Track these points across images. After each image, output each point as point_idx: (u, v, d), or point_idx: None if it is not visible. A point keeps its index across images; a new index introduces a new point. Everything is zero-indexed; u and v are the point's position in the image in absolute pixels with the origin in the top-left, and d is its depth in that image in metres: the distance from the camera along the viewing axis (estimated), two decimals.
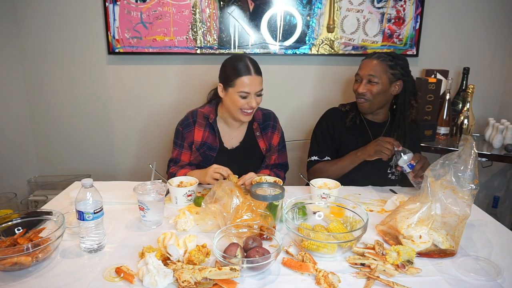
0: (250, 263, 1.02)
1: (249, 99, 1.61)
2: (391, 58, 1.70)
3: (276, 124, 1.83)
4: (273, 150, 1.82)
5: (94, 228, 1.15)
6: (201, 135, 1.72)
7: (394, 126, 1.79)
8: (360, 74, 1.73)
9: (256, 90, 1.62)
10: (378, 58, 1.70)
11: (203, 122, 1.73)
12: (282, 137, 1.85)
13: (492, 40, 2.36)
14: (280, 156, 1.85)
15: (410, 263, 1.08)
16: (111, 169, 2.58)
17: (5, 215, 1.20)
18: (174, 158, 1.77)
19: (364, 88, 1.71)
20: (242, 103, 1.62)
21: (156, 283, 0.98)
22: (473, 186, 1.17)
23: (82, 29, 2.32)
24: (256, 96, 1.63)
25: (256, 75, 1.61)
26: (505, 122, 2.14)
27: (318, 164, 1.81)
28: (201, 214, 1.41)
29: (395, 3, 2.26)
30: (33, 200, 2.37)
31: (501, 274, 1.05)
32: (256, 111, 1.79)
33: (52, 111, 2.47)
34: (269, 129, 1.80)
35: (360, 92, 1.71)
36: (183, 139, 1.74)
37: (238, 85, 1.60)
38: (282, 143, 1.85)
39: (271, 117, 1.83)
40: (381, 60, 1.69)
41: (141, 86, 2.43)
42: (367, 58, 1.75)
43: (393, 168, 1.79)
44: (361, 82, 1.73)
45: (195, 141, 1.72)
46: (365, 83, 1.71)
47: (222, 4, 2.24)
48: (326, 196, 1.45)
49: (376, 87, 1.69)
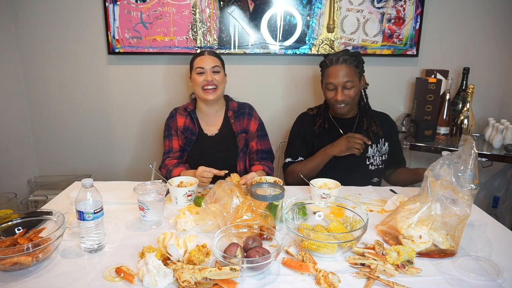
0: (250, 263, 1.02)
1: (205, 75, 1.82)
2: (354, 57, 1.74)
3: (252, 112, 1.97)
4: (252, 136, 1.94)
5: (94, 228, 1.15)
6: (183, 121, 1.93)
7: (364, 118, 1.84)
8: (334, 82, 1.73)
9: (210, 66, 1.83)
10: (345, 63, 1.72)
11: (184, 112, 1.95)
12: (261, 125, 1.98)
13: (492, 40, 2.36)
14: (261, 143, 1.95)
15: (410, 263, 1.08)
16: (111, 169, 2.58)
17: (5, 215, 1.21)
18: (167, 150, 1.93)
19: (342, 95, 1.74)
20: (201, 80, 1.82)
21: (156, 283, 0.98)
22: (473, 186, 1.17)
23: (82, 29, 2.32)
24: (212, 73, 1.83)
25: (209, 55, 1.86)
26: (505, 122, 2.14)
27: (292, 165, 1.87)
28: (201, 214, 1.41)
29: (395, 3, 2.26)
30: (33, 200, 2.37)
31: (501, 274, 1.05)
32: (232, 102, 1.98)
33: (52, 111, 2.47)
34: (245, 117, 1.95)
35: (340, 100, 1.74)
36: (170, 128, 1.93)
37: (195, 64, 1.86)
38: (261, 131, 1.97)
39: (246, 107, 1.99)
40: (348, 64, 1.72)
41: (141, 86, 2.43)
42: (332, 65, 1.73)
43: (371, 158, 1.83)
44: (336, 89, 1.74)
45: (178, 127, 1.93)
46: (341, 90, 1.73)
47: (222, 4, 2.24)
48: (326, 196, 1.45)
49: (353, 90, 1.74)
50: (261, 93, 2.44)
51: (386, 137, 1.86)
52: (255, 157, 1.93)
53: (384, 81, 2.42)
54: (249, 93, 2.42)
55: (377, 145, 1.84)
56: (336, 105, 1.78)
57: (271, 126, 2.44)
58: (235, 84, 2.40)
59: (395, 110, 2.47)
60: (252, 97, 2.39)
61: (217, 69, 1.85)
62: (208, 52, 1.89)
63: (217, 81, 1.83)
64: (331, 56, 1.76)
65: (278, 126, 2.48)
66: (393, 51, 2.33)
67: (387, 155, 1.87)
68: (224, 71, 1.92)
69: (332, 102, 1.79)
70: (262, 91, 2.44)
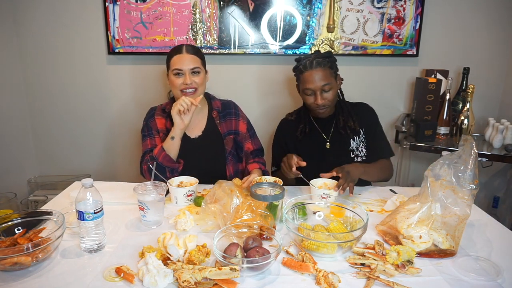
0: (250, 263, 1.02)
1: (183, 78, 1.67)
2: (327, 59, 1.70)
3: (238, 111, 1.88)
4: (245, 137, 1.86)
5: (94, 228, 1.15)
6: (163, 123, 1.79)
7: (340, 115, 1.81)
8: (312, 87, 1.69)
9: (189, 67, 1.67)
10: (320, 66, 1.67)
11: (162, 113, 1.80)
12: (249, 123, 1.90)
13: (492, 40, 2.36)
14: (254, 142, 1.89)
15: (410, 263, 1.08)
16: (111, 169, 2.58)
17: (5, 215, 1.21)
18: (149, 148, 1.73)
19: (322, 99, 1.70)
20: (179, 83, 1.67)
21: (156, 283, 0.98)
22: (473, 186, 1.17)
23: (82, 29, 2.32)
24: (192, 75, 1.68)
25: (187, 53, 1.68)
26: (505, 122, 2.14)
27: (277, 172, 1.85)
28: (201, 214, 1.41)
29: (395, 3, 2.26)
30: (33, 200, 2.37)
31: (501, 274, 1.05)
32: (215, 101, 1.86)
33: (52, 111, 2.47)
34: (232, 117, 1.84)
35: (320, 104, 1.71)
36: (150, 128, 1.78)
37: (172, 64, 1.69)
38: (251, 129, 1.90)
39: (231, 106, 1.87)
40: (323, 66, 1.68)
41: (141, 86, 2.43)
42: (307, 70, 1.68)
43: (356, 150, 1.81)
44: (314, 94, 1.71)
45: (159, 129, 1.78)
46: (320, 93, 1.70)
47: (222, 4, 2.24)
48: (326, 196, 1.45)
49: (331, 92, 1.71)
50: (261, 93, 2.44)
51: (361, 124, 1.81)
52: (250, 156, 1.89)
53: (384, 81, 2.42)
54: (249, 93, 2.42)
55: (358, 136, 1.80)
56: (317, 110, 1.75)
57: (271, 126, 2.44)
58: (235, 84, 2.41)
59: (395, 110, 2.47)
60: (252, 97, 2.40)
61: (197, 70, 1.68)
62: (187, 49, 1.69)
63: (196, 83, 1.69)
64: (304, 60, 1.70)
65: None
66: (393, 51, 2.33)
67: (366, 142, 1.82)
68: (205, 68, 1.76)
69: (313, 107, 1.74)
70: (262, 91, 2.44)
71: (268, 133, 2.39)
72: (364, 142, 1.83)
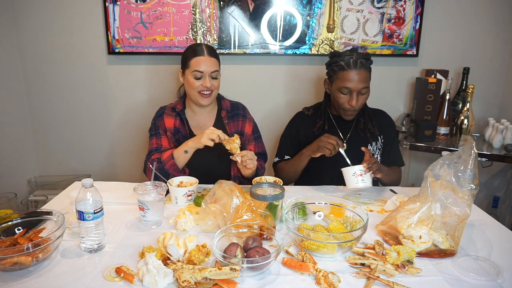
0: (250, 263, 1.02)
1: (203, 80, 1.67)
2: (369, 61, 1.67)
3: (246, 113, 1.88)
4: (249, 139, 1.86)
5: (94, 228, 1.15)
6: (172, 123, 1.79)
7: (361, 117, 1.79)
8: (351, 87, 1.63)
9: (210, 70, 1.68)
10: (364, 67, 1.63)
11: (171, 113, 1.80)
12: (255, 126, 1.90)
13: (492, 40, 2.36)
14: (258, 145, 1.89)
15: (410, 263, 1.08)
16: (111, 169, 2.58)
17: (5, 215, 1.21)
18: (154, 148, 1.75)
19: (357, 102, 1.65)
20: (198, 85, 1.68)
21: (156, 283, 0.98)
22: (473, 186, 1.17)
23: (82, 29, 2.32)
24: (211, 78, 1.69)
25: (209, 56, 1.69)
26: (505, 122, 2.14)
27: (279, 163, 1.86)
28: (201, 214, 1.41)
29: (395, 3, 2.26)
30: (33, 200, 2.37)
31: (501, 274, 1.05)
32: (224, 101, 1.86)
33: (52, 111, 2.47)
34: (239, 118, 1.85)
35: (354, 106, 1.65)
36: (158, 128, 1.78)
37: (192, 65, 1.68)
38: (256, 133, 1.90)
39: (239, 107, 1.88)
40: (365, 68, 1.64)
41: (141, 86, 2.43)
42: (350, 69, 1.62)
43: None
44: (350, 95, 1.65)
45: (167, 128, 1.78)
46: (356, 95, 1.64)
47: (222, 4, 2.24)
48: (362, 173, 1.50)
49: (366, 95, 1.69)
50: (261, 93, 2.44)
51: (381, 131, 1.80)
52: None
53: (384, 81, 2.42)
54: (249, 93, 2.42)
55: (376, 143, 1.81)
56: (347, 111, 1.70)
57: (271, 126, 2.44)
58: (235, 84, 2.41)
59: (395, 110, 2.47)
60: (252, 97, 2.40)
61: (215, 75, 1.70)
62: (208, 53, 1.70)
63: (214, 86, 1.72)
64: (347, 57, 1.63)
65: (278, 126, 2.47)
66: (393, 51, 2.33)
67: (382, 150, 1.82)
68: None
69: (345, 107, 1.68)
70: (262, 91, 2.44)
71: (268, 133, 2.40)
72: (381, 149, 1.82)
